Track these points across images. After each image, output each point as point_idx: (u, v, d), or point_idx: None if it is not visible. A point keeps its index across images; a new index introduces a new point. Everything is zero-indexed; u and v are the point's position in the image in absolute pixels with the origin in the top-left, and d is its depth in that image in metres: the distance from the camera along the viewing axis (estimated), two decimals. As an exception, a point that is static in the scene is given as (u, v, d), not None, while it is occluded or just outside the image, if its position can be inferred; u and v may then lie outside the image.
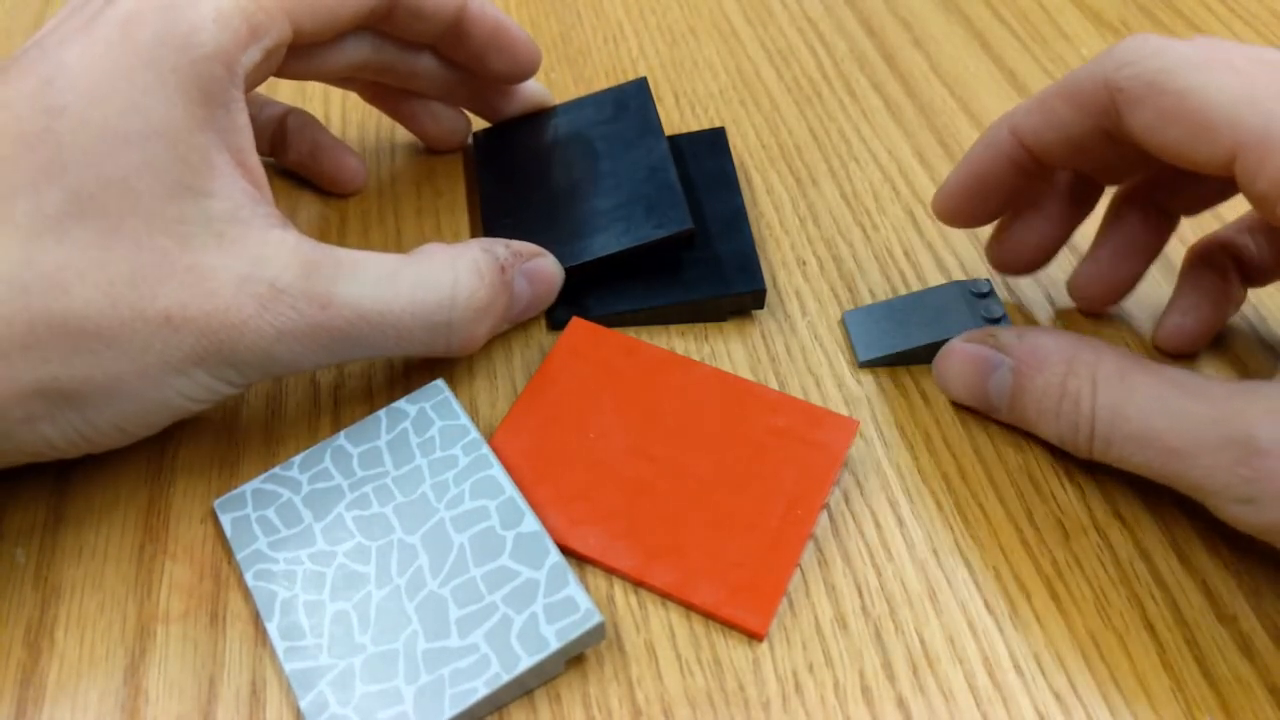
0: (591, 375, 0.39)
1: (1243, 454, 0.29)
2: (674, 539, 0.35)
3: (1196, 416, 0.31)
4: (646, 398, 0.38)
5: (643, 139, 0.45)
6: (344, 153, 0.47)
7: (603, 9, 0.60)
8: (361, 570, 0.34)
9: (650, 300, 0.42)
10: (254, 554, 0.34)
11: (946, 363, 0.38)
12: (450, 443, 0.36)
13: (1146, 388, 0.32)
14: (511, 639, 0.32)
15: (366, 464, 0.36)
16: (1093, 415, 0.33)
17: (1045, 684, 0.32)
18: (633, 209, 0.42)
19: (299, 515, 0.35)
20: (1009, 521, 0.36)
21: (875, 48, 0.56)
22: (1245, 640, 0.33)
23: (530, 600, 0.32)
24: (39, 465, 0.37)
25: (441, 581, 0.33)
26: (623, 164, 0.44)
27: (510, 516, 0.34)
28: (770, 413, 0.38)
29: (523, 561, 0.33)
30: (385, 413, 0.38)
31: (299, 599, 0.33)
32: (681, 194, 0.42)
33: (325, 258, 0.34)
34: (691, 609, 0.34)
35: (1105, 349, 0.34)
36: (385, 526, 0.35)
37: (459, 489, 0.35)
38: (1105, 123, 0.32)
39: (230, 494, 0.36)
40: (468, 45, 0.43)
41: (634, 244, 0.41)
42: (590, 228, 0.42)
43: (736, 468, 0.36)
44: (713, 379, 0.39)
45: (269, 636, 0.33)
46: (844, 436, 0.37)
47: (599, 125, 0.47)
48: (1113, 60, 0.31)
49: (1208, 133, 0.29)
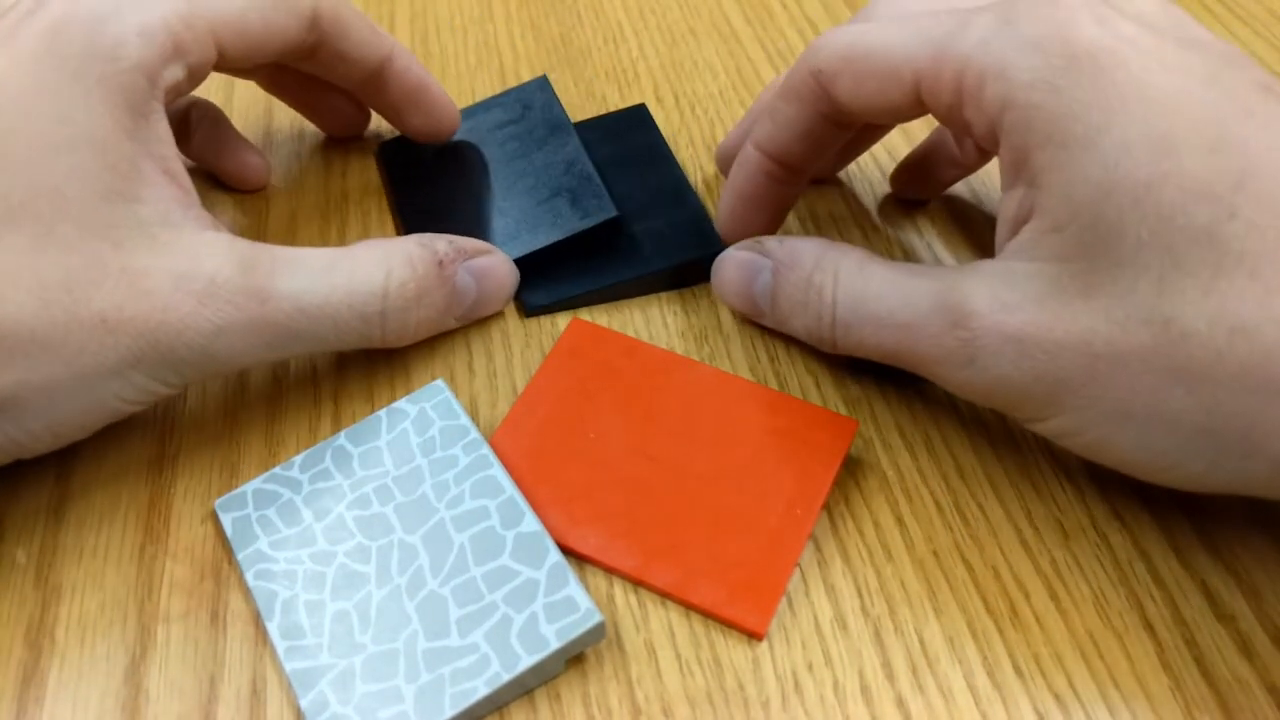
0: (591, 375, 0.39)
1: (959, 317, 0.32)
2: (674, 539, 0.35)
3: (922, 291, 0.33)
4: (646, 398, 0.38)
5: (553, 135, 0.47)
6: (247, 150, 0.47)
7: (603, 9, 0.60)
8: (362, 570, 0.34)
9: (617, 276, 0.43)
10: (255, 554, 0.35)
11: (720, 271, 0.41)
12: (450, 442, 0.36)
13: (881, 274, 0.35)
14: (512, 638, 0.32)
15: (367, 464, 0.36)
16: (834, 303, 0.36)
17: (1044, 684, 0.33)
18: (556, 203, 0.44)
19: (299, 515, 0.35)
20: (1009, 521, 0.36)
21: (875, 48, 0.56)
22: (1244, 640, 0.33)
23: (530, 600, 0.32)
24: (39, 465, 0.38)
25: (442, 581, 0.33)
26: (538, 161, 0.46)
27: (510, 516, 0.34)
28: (770, 413, 0.38)
29: (523, 561, 0.33)
30: (386, 413, 0.38)
31: (299, 598, 0.33)
32: (601, 184, 0.44)
33: (262, 254, 0.35)
34: (691, 609, 0.34)
35: (850, 249, 0.37)
36: (386, 526, 0.35)
37: (459, 489, 0.35)
38: (822, 107, 0.36)
39: (231, 494, 0.36)
40: (387, 97, 0.45)
41: (563, 236, 0.43)
42: (519, 224, 0.44)
43: (736, 467, 0.36)
44: (712, 379, 0.39)
45: (269, 636, 0.33)
46: (844, 436, 0.37)
47: (506, 126, 0.48)
48: (811, 50, 0.36)
49: (894, 77, 0.33)
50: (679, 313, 0.43)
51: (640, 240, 0.44)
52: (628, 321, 0.43)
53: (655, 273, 0.43)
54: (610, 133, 0.49)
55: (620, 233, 0.44)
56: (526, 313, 0.43)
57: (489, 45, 0.57)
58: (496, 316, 0.43)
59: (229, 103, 0.53)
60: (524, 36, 0.58)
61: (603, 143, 0.48)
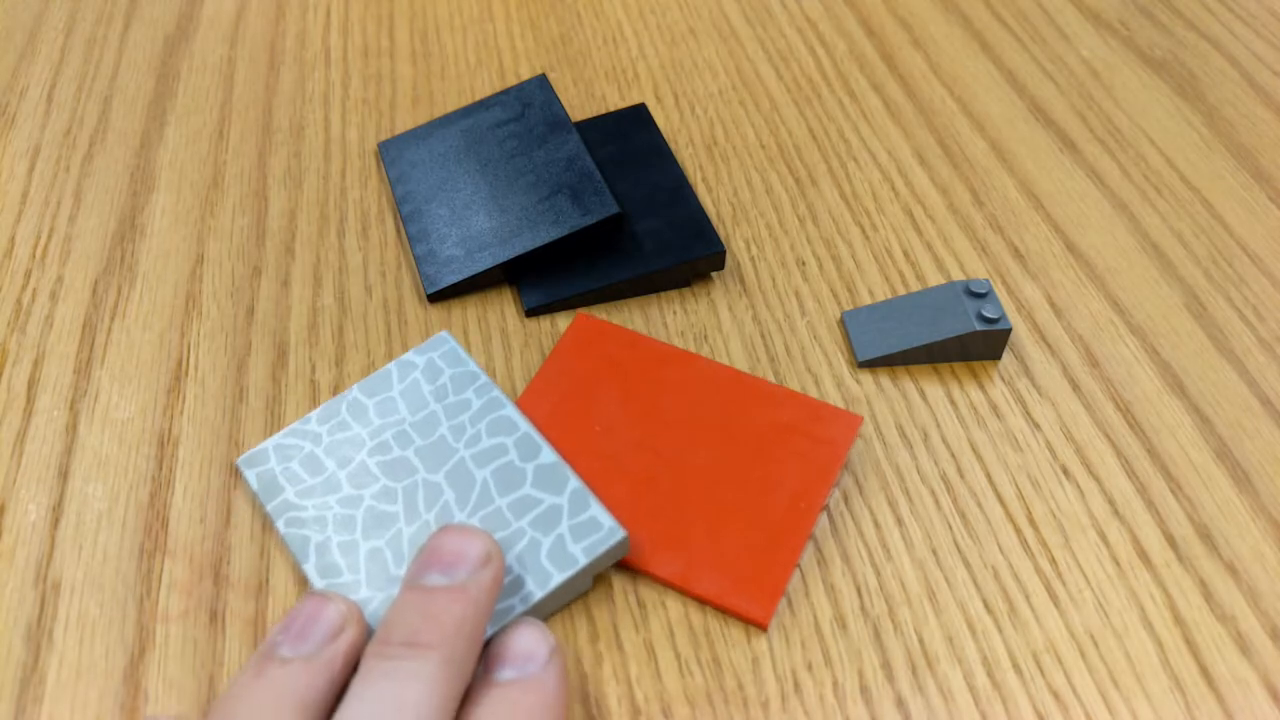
0: (596, 369, 0.39)
1: None
2: (678, 530, 0.35)
3: None
4: (651, 392, 0.39)
5: (554, 133, 0.47)
6: None
7: (603, 9, 0.60)
8: (390, 510, 0.35)
9: (615, 275, 0.43)
10: (283, 504, 0.36)
11: None
12: (462, 388, 0.38)
13: None
14: (542, 559, 0.33)
15: (383, 413, 0.37)
16: None
17: (1044, 683, 0.32)
18: (558, 200, 0.44)
19: (322, 465, 0.36)
20: (1008, 521, 0.36)
21: (875, 48, 0.56)
22: (1244, 640, 0.33)
23: (556, 523, 0.34)
24: (38, 465, 0.38)
25: (469, 513, 0.34)
26: (538, 159, 0.46)
27: (528, 450, 0.36)
28: (774, 407, 0.38)
29: (545, 490, 0.35)
30: (395, 365, 0.39)
31: (332, 541, 0.34)
32: (603, 181, 0.44)
33: None
34: (695, 599, 0.34)
35: None
36: (408, 468, 0.36)
37: (475, 429, 0.36)
38: None
39: (252, 451, 0.37)
40: None
41: (565, 233, 0.43)
42: (519, 222, 0.44)
43: (741, 461, 0.36)
44: (717, 374, 0.39)
45: (306, 576, 0.34)
46: (847, 431, 0.37)
47: (506, 124, 0.48)
48: None
49: None
50: (679, 312, 0.43)
51: (640, 239, 0.44)
52: (627, 321, 0.43)
53: (655, 272, 0.43)
54: (610, 132, 0.49)
55: (621, 230, 0.44)
56: (526, 312, 0.43)
57: (489, 45, 0.57)
58: (497, 317, 0.43)
59: (229, 102, 0.53)
60: (524, 36, 0.58)
61: (603, 142, 0.48)
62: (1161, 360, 0.41)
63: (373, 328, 0.43)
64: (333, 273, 0.45)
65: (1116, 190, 0.49)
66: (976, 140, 0.51)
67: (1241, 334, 0.42)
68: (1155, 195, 0.48)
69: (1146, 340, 0.42)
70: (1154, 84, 0.54)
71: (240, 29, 0.58)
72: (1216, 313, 0.43)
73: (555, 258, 0.43)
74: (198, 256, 0.46)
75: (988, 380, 0.41)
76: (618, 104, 0.53)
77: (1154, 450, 0.39)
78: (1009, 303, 0.44)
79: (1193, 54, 0.56)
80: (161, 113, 0.53)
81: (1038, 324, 0.43)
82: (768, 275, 0.45)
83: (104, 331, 0.43)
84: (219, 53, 0.57)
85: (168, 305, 0.44)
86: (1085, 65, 0.55)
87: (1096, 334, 0.42)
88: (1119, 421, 0.39)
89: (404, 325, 0.43)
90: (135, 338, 0.42)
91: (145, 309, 0.44)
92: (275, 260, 0.45)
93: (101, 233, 0.47)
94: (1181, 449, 0.39)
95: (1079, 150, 0.51)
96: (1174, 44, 0.57)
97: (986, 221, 0.47)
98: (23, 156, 0.51)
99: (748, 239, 0.46)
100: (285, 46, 0.57)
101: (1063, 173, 0.49)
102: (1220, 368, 0.41)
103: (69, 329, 0.43)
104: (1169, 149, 0.51)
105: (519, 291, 0.43)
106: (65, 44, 0.57)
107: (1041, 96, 0.54)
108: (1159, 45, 0.57)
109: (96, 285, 0.45)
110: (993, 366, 0.41)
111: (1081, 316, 0.43)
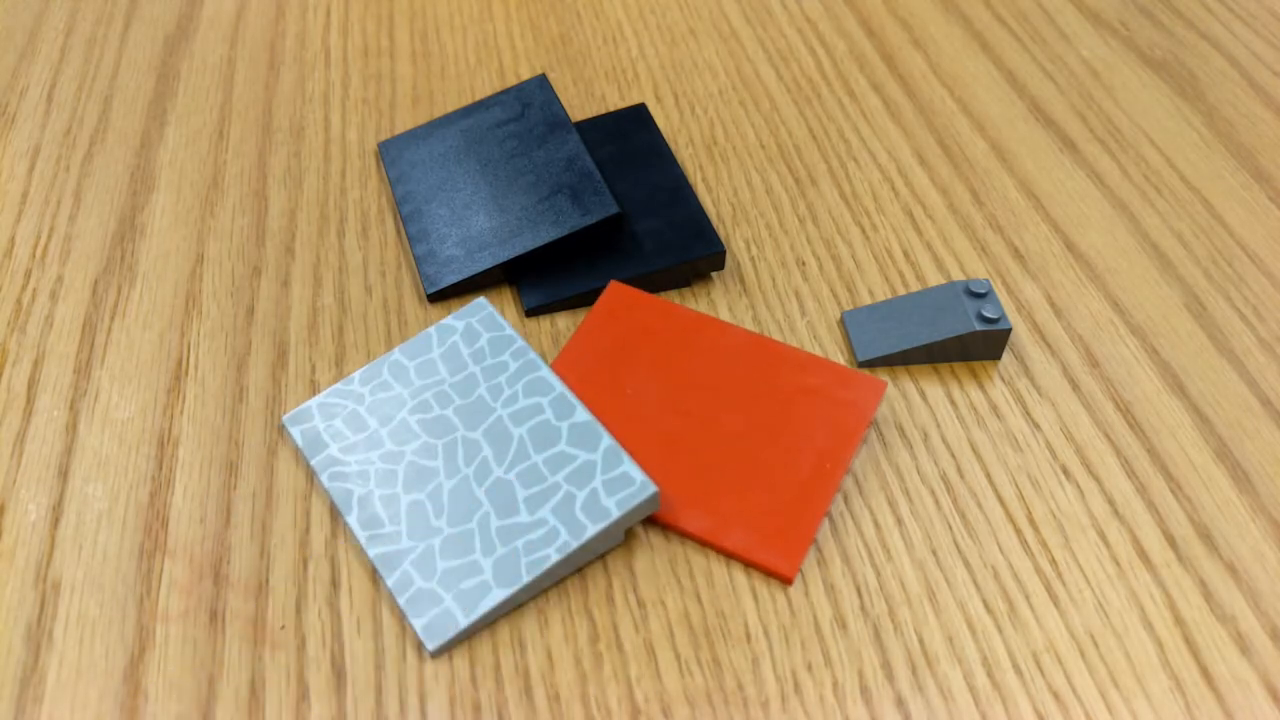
0: (628, 336, 0.40)
1: None
2: (707, 488, 0.36)
3: None
4: (681, 357, 0.39)
5: (553, 132, 0.47)
6: None
7: (603, 9, 0.60)
8: (430, 465, 0.36)
9: (615, 275, 0.43)
10: (326, 459, 0.37)
11: None
12: (499, 351, 0.39)
13: None
14: (576, 511, 0.34)
15: (423, 374, 0.39)
16: None
17: (1044, 683, 0.32)
18: (558, 200, 0.44)
19: (364, 423, 0.38)
20: (1009, 522, 0.36)
21: (875, 48, 0.56)
22: (1244, 640, 0.33)
23: (590, 478, 0.35)
24: (38, 465, 0.38)
25: (506, 468, 0.36)
26: (538, 159, 0.46)
27: (562, 410, 0.37)
28: (801, 372, 0.39)
29: (579, 447, 0.36)
30: (435, 329, 0.40)
31: (374, 494, 0.36)
32: (603, 181, 0.44)
33: None
34: (723, 553, 0.35)
35: None
36: (448, 426, 0.37)
37: (512, 389, 0.38)
38: None
39: (297, 409, 0.39)
40: None
41: (565, 233, 0.43)
42: (519, 222, 0.44)
43: (767, 423, 0.37)
44: (745, 340, 0.40)
45: (350, 528, 0.35)
46: (873, 396, 0.38)
47: (506, 124, 0.48)
48: None
49: None
50: (679, 312, 0.43)
51: (640, 239, 0.44)
52: (627, 321, 0.43)
53: (655, 272, 0.43)
54: (610, 132, 0.49)
55: (621, 230, 0.44)
56: (525, 312, 0.43)
57: (489, 45, 0.57)
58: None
59: (229, 102, 0.53)
60: (524, 36, 0.58)
61: (603, 142, 0.48)
62: (1161, 360, 0.41)
63: (373, 327, 0.43)
64: (333, 272, 0.45)
65: (1116, 190, 0.49)
66: (976, 140, 0.51)
67: (1241, 334, 0.42)
68: (1155, 195, 0.48)
69: (1146, 340, 0.42)
70: (1154, 84, 0.54)
71: (240, 29, 0.58)
72: (1216, 313, 0.43)
73: (555, 258, 0.44)
74: (198, 256, 0.46)
75: (988, 380, 0.41)
76: (618, 104, 0.53)
77: (1154, 450, 0.39)
78: (1009, 303, 0.44)
79: (1193, 54, 0.56)
80: (161, 113, 0.53)
81: (1038, 324, 0.43)
82: (768, 275, 0.45)
83: (104, 331, 0.43)
84: (219, 53, 0.57)
85: (168, 305, 0.44)
86: (1085, 65, 0.55)
87: (1096, 334, 0.42)
88: (1119, 421, 0.39)
89: (404, 325, 0.43)
90: (135, 337, 0.42)
91: (145, 309, 0.44)
92: (275, 260, 0.45)
93: (101, 233, 0.47)
94: (1181, 449, 0.39)
95: (1079, 150, 0.51)
96: (1174, 44, 0.57)
97: (986, 221, 0.47)
98: (23, 156, 0.51)
99: (748, 239, 0.46)
100: (285, 46, 0.57)
101: (1063, 173, 0.49)
102: (1220, 368, 0.41)
103: (69, 329, 0.43)
104: (1169, 149, 0.51)
105: (519, 291, 0.43)
106: (65, 44, 0.57)
107: (1041, 96, 0.54)
108: (1159, 45, 0.57)
109: (96, 285, 0.45)
110: (993, 366, 0.41)
111: (1081, 316, 0.43)
